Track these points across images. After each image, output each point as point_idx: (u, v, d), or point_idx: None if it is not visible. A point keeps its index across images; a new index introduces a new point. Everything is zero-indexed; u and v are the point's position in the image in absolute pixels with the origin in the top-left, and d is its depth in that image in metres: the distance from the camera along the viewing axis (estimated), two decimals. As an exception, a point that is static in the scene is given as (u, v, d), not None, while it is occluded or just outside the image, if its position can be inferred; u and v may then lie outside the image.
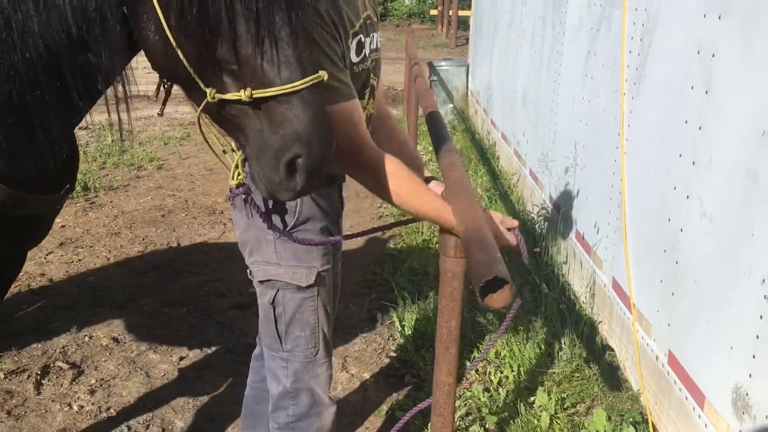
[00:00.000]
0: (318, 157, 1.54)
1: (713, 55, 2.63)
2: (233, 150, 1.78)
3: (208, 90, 1.52)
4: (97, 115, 1.81)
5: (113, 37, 1.57)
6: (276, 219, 1.98)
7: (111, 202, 6.02)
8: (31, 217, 1.88)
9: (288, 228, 2.03)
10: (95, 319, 3.98)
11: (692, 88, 2.77)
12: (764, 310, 2.20)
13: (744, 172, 2.36)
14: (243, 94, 1.49)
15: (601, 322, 3.77)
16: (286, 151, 1.52)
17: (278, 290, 2.10)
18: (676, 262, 2.85)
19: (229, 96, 1.52)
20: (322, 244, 2.09)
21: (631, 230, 3.36)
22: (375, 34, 2.05)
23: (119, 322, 3.97)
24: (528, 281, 4.29)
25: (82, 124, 1.90)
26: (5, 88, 1.57)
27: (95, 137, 7.75)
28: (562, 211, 4.51)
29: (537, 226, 5.01)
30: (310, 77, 1.52)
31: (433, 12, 23.98)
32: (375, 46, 2.05)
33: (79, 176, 6.48)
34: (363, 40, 1.95)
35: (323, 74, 1.55)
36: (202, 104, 1.56)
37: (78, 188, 6.06)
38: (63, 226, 5.36)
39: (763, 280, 2.21)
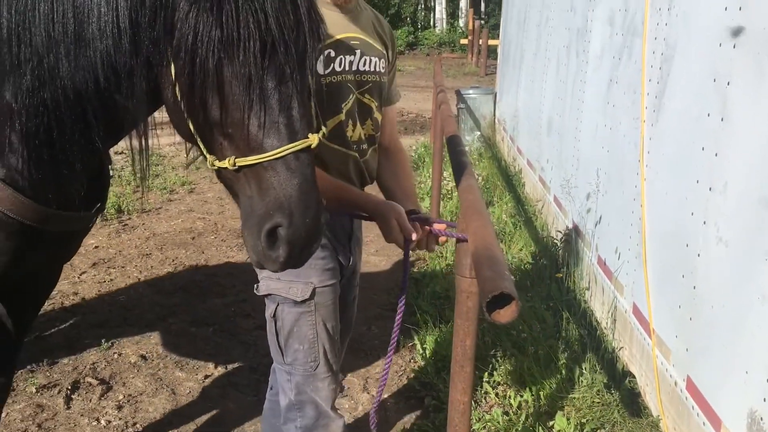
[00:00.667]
0: (299, 228, 1.49)
1: (728, 83, 2.67)
2: None
3: (209, 157, 1.57)
4: (135, 141, 1.84)
5: (139, 92, 1.62)
6: None
7: (143, 224, 6.19)
8: (63, 234, 1.98)
9: None
10: (125, 336, 4.10)
11: (708, 115, 2.81)
12: (778, 335, 2.21)
13: (757, 198, 2.39)
14: (228, 163, 1.52)
15: (622, 347, 3.77)
16: (268, 220, 1.49)
17: (278, 304, 2.19)
18: (694, 287, 2.87)
19: (219, 164, 1.54)
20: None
21: (650, 256, 3.38)
22: (368, 57, 2.18)
23: (147, 340, 4.08)
24: (550, 306, 4.31)
25: (117, 149, 1.99)
26: (33, 123, 1.66)
27: (130, 161, 7.96)
28: (584, 236, 4.53)
29: (560, 251, 5.03)
30: (296, 143, 1.49)
31: (464, 41, 24.20)
32: (365, 69, 2.18)
33: (113, 199, 6.58)
34: (333, 55, 2.08)
35: (313, 138, 1.52)
36: (211, 169, 1.61)
37: (112, 210, 6.25)
38: (96, 247, 5.53)
39: (777, 305, 2.23)
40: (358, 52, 2.16)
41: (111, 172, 2.20)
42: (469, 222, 2.14)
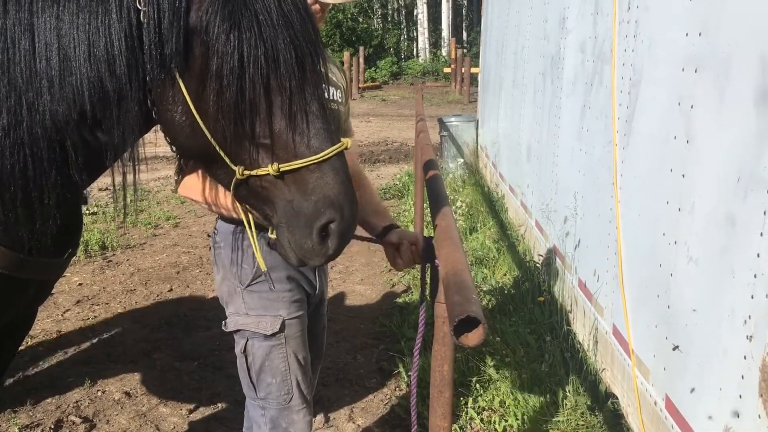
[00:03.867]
0: (349, 220, 1.64)
1: (692, 107, 2.75)
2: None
3: (236, 168, 1.62)
4: (118, 176, 1.85)
5: (130, 118, 1.63)
6: (240, 269, 2.16)
7: (128, 260, 6.19)
8: (35, 279, 1.94)
9: (249, 281, 2.17)
10: (108, 373, 4.09)
11: (675, 137, 2.89)
12: (748, 351, 2.26)
13: (723, 217, 2.45)
14: (271, 169, 1.59)
15: (604, 369, 3.80)
16: (320, 217, 1.61)
17: (247, 339, 2.21)
18: (668, 307, 2.91)
19: (257, 171, 1.61)
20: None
21: (627, 277, 3.43)
22: (328, 86, 2.23)
23: (132, 377, 4.07)
24: (534, 330, 4.34)
25: (101, 185, 1.99)
26: (9, 161, 1.63)
27: (115, 198, 7.98)
28: (564, 259, 4.59)
29: (542, 275, 5.07)
30: (337, 145, 1.63)
31: (447, 69, 24.51)
32: (329, 97, 2.23)
33: (98, 236, 6.56)
34: None
35: (346, 141, 1.67)
36: (233, 182, 1.64)
37: (96, 247, 6.26)
38: (80, 284, 5.52)
39: (745, 321, 2.28)
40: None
41: (95, 209, 2.20)
42: (440, 248, 2.18)
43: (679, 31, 2.90)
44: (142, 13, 1.57)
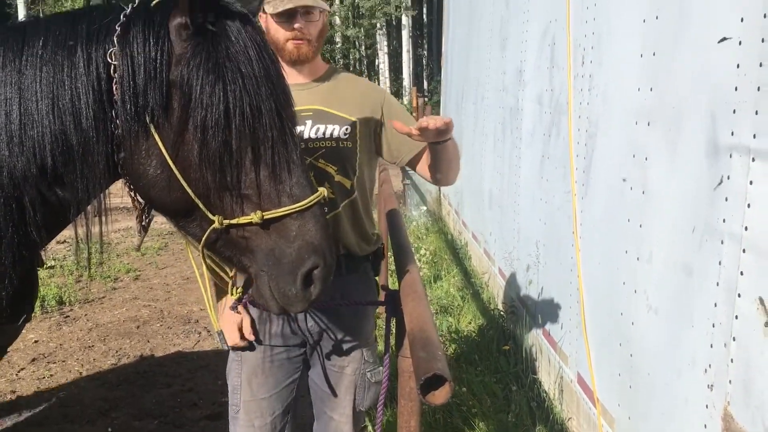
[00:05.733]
0: (331, 266, 1.68)
1: (646, 158, 2.83)
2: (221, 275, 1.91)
3: (215, 218, 1.62)
4: (81, 229, 1.81)
5: (96, 171, 1.61)
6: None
7: (86, 315, 6.04)
8: None
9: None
10: (64, 435, 3.94)
11: (631, 188, 2.96)
12: (709, 400, 2.28)
13: (681, 267, 2.50)
14: (255, 217, 1.60)
15: (570, 418, 3.80)
16: (304, 263, 1.63)
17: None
18: (631, 355, 2.94)
19: (239, 220, 1.61)
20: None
21: (589, 325, 3.46)
22: (320, 125, 2.33)
23: (89, 438, 3.93)
24: (499, 379, 4.33)
25: (59, 237, 1.94)
26: None
27: (73, 251, 7.82)
28: (528, 307, 4.61)
29: (507, 323, 5.09)
30: (317, 194, 1.67)
31: (408, 118, 24.84)
32: (317, 136, 2.33)
33: (55, 290, 6.37)
34: None
35: (323, 190, 1.72)
36: (206, 234, 1.64)
37: (53, 303, 6.09)
38: (36, 342, 5.36)
39: (705, 370, 2.31)
40: (308, 122, 2.31)
41: (53, 262, 2.15)
42: (405, 302, 2.18)
43: (631, 86, 3.00)
44: (112, 66, 1.57)
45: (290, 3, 2.24)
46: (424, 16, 33.84)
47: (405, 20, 28.02)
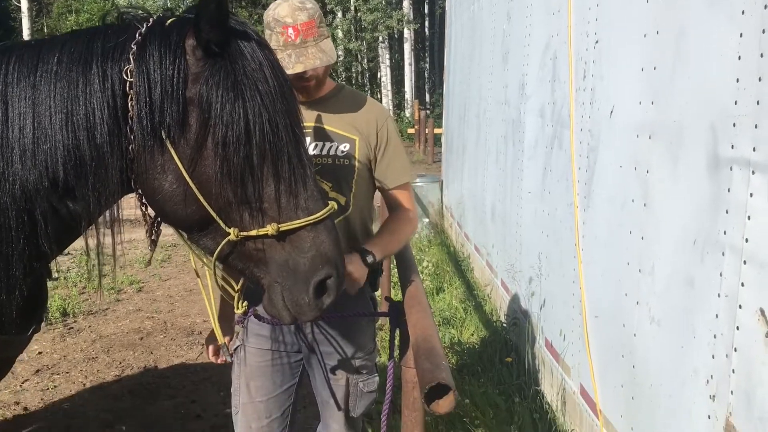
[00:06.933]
0: (342, 276, 1.75)
1: (647, 171, 2.86)
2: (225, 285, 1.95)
3: (231, 230, 1.66)
4: (79, 240, 1.83)
5: (109, 185, 1.64)
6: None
7: (89, 326, 6.05)
8: None
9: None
10: (68, 446, 3.95)
11: (633, 201, 2.99)
12: (712, 411, 2.30)
13: (683, 279, 2.53)
14: (270, 229, 1.65)
15: (573, 430, 3.80)
16: (317, 273, 1.69)
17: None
18: (633, 367, 2.96)
19: (256, 232, 1.66)
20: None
21: (592, 337, 3.48)
22: (318, 142, 2.36)
23: (92, 449, 3.94)
24: (502, 391, 4.33)
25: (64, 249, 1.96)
26: None
27: (77, 262, 7.85)
28: (531, 319, 4.63)
29: (510, 334, 5.10)
30: (328, 207, 1.73)
31: (411, 131, 24.92)
32: (314, 153, 2.35)
33: (58, 302, 6.38)
34: None
35: (334, 204, 1.78)
36: (221, 245, 1.67)
37: (57, 314, 6.11)
38: (40, 353, 5.37)
39: (708, 381, 2.32)
40: (307, 139, 2.31)
41: (57, 274, 2.17)
42: (409, 314, 2.21)
43: (632, 99, 3.03)
44: (128, 83, 1.60)
45: (300, 66, 2.18)
46: (426, 30, 34.03)
47: (407, 33, 28.16)
